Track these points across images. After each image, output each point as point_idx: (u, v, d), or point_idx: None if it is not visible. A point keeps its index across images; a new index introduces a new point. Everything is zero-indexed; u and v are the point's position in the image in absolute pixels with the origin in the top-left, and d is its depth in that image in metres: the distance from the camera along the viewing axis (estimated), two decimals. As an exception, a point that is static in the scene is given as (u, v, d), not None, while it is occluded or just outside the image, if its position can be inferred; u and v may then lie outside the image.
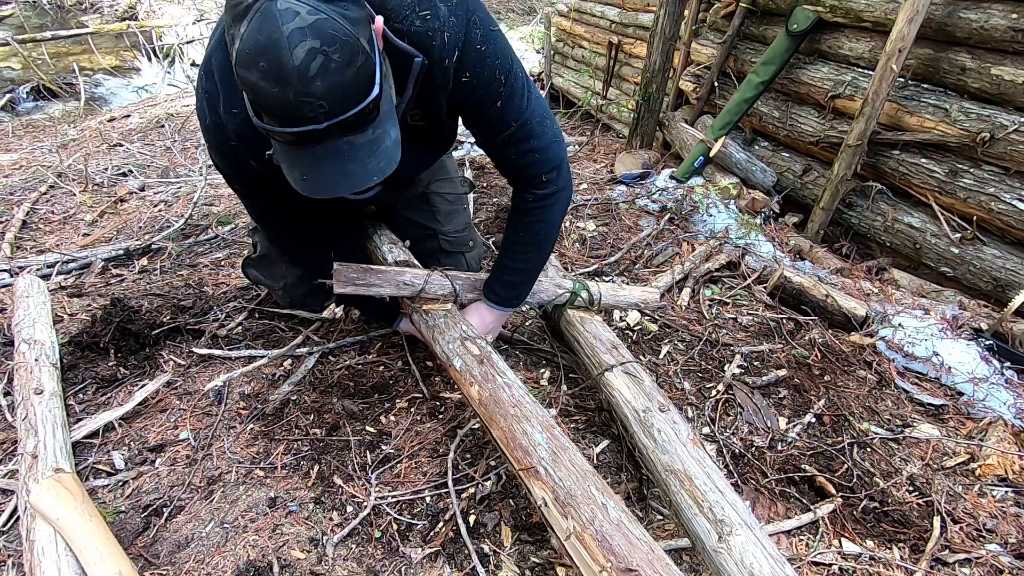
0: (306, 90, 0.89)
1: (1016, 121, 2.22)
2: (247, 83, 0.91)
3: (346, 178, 1.03)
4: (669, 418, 1.34)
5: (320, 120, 0.93)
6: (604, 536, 1.00)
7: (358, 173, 1.04)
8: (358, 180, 1.04)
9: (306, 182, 1.04)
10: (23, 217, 2.78)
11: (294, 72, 0.87)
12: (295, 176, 1.04)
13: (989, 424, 1.77)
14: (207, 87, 1.20)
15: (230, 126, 1.19)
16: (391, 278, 1.57)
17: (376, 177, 1.06)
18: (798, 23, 2.98)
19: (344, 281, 1.51)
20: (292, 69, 0.87)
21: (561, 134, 1.47)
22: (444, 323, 1.54)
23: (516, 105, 1.32)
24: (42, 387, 1.53)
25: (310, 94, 0.90)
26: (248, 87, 0.92)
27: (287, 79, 0.88)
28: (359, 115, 0.97)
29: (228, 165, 1.33)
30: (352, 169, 1.03)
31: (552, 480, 1.12)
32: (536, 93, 1.38)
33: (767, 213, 3.08)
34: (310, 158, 1.01)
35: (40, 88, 5.25)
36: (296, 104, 0.90)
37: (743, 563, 1.01)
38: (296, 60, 0.86)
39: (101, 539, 1.15)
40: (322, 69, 0.89)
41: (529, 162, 1.42)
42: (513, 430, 1.24)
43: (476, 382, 1.37)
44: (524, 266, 1.61)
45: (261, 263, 1.98)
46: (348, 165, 1.02)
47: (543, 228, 1.54)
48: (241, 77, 0.91)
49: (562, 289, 1.78)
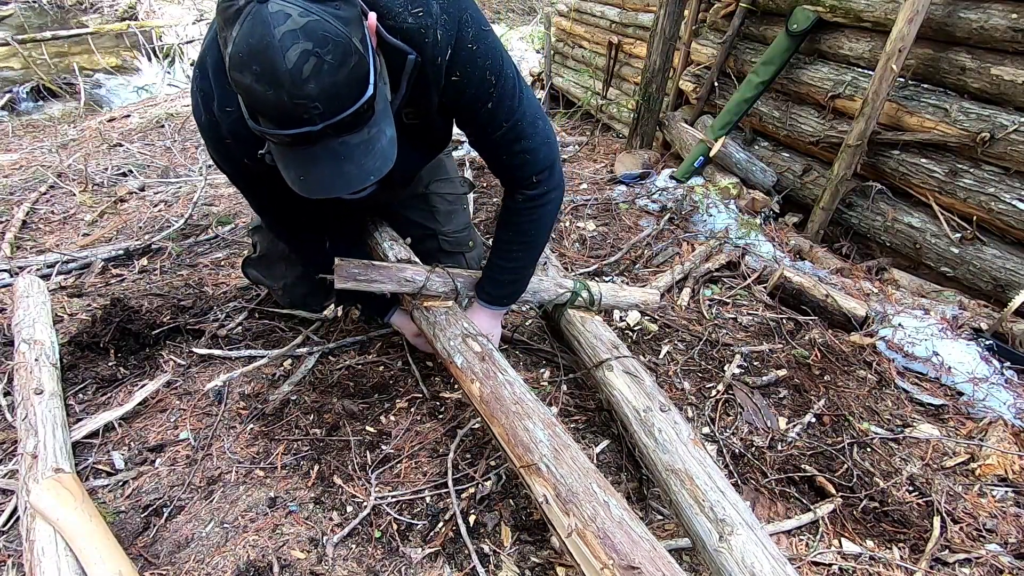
0: (300, 92, 0.89)
1: (1016, 121, 2.22)
2: (241, 86, 0.91)
3: (342, 178, 1.03)
4: (670, 418, 1.34)
5: (315, 122, 0.93)
6: (606, 533, 0.99)
7: (354, 173, 1.04)
8: (354, 180, 1.04)
9: (302, 182, 1.04)
10: (23, 217, 2.78)
11: (287, 75, 0.87)
12: (291, 176, 1.04)
13: (989, 424, 1.77)
14: (202, 86, 1.21)
15: (224, 125, 1.20)
16: (392, 274, 1.57)
17: (373, 177, 1.06)
18: (798, 23, 2.98)
19: (346, 276, 1.51)
20: (285, 72, 0.87)
21: (554, 135, 1.46)
22: (445, 320, 1.54)
23: (507, 106, 1.32)
24: (42, 387, 1.53)
25: (304, 96, 0.90)
26: (242, 90, 0.92)
27: (280, 82, 0.88)
28: (354, 115, 0.97)
29: (224, 162, 1.35)
30: (348, 169, 1.03)
31: (554, 477, 1.11)
32: (529, 94, 1.37)
33: (767, 213, 3.08)
34: (306, 158, 1.01)
35: (40, 88, 5.25)
36: (291, 107, 0.90)
37: (744, 563, 1.00)
38: (289, 63, 0.86)
39: (101, 539, 1.15)
40: (315, 71, 0.89)
41: (521, 163, 1.41)
42: (515, 427, 1.23)
43: (477, 379, 1.36)
44: (515, 265, 1.61)
45: (261, 263, 1.98)
46: (344, 165, 1.02)
47: (533, 228, 1.54)
48: (235, 80, 0.91)
49: (563, 289, 1.78)
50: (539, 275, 1.87)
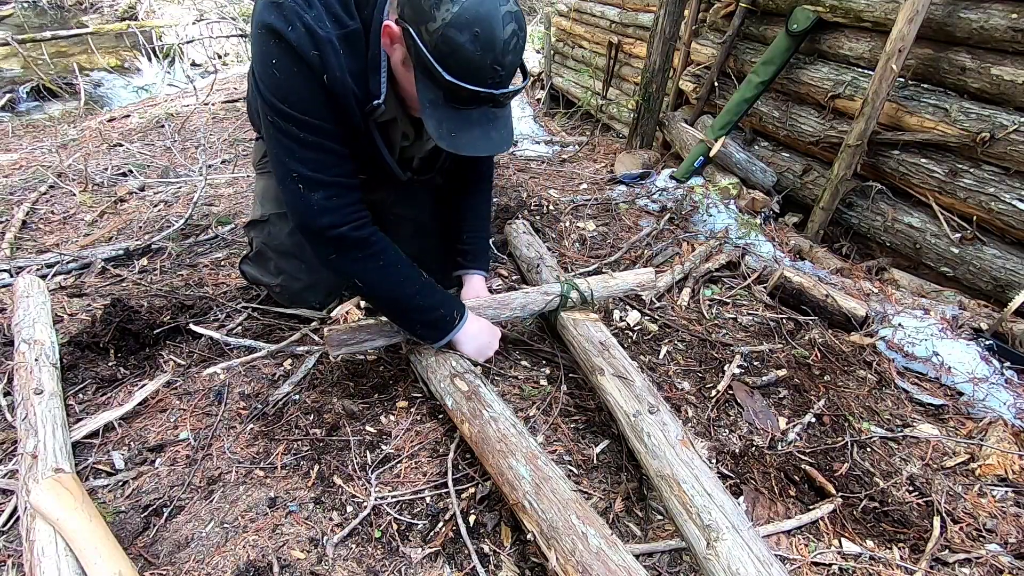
0: (502, 60, 1.13)
1: (1016, 121, 2.22)
2: (454, 42, 1.09)
3: (489, 141, 1.24)
4: (658, 419, 1.34)
5: (502, 85, 1.17)
6: (584, 567, 1.03)
7: (496, 139, 1.25)
8: (495, 145, 1.26)
9: (453, 138, 1.21)
10: (23, 217, 2.78)
11: (501, 43, 1.11)
12: (443, 132, 1.20)
13: (989, 424, 1.77)
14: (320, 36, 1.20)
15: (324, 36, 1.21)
16: (379, 329, 1.63)
17: (506, 146, 1.28)
18: (798, 23, 2.98)
19: (336, 344, 1.58)
20: (501, 41, 1.11)
21: None
22: (435, 362, 1.61)
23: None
24: (42, 387, 1.52)
25: (503, 64, 1.14)
26: (453, 45, 1.10)
27: (493, 48, 1.10)
28: (517, 91, 1.23)
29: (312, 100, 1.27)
30: (494, 135, 1.25)
31: (536, 514, 1.15)
32: None
33: (767, 213, 3.08)
34: (464, 120, 1.21)
35: (40, 88, 5.25)
36: (490, 69, 1.13)
37: (730, 569, 1.02)
38: (505, 35, 1.11)
39: (101, 539, 1.15)
40: (516, 48, 1.15)
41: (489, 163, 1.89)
42: (500, 466, 1.27)
43: (466, 419, 1.42)
44: (489, 229, 2.00)
45: (258, 260, 1.98)
46: (492, 131, 1.24)
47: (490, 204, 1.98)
48: (449, 36, 1.09)
49: (550, 295, 1.80)
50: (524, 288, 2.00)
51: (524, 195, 3.16)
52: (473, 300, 1.77)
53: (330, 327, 1.60)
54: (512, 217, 2.70)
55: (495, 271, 2.42)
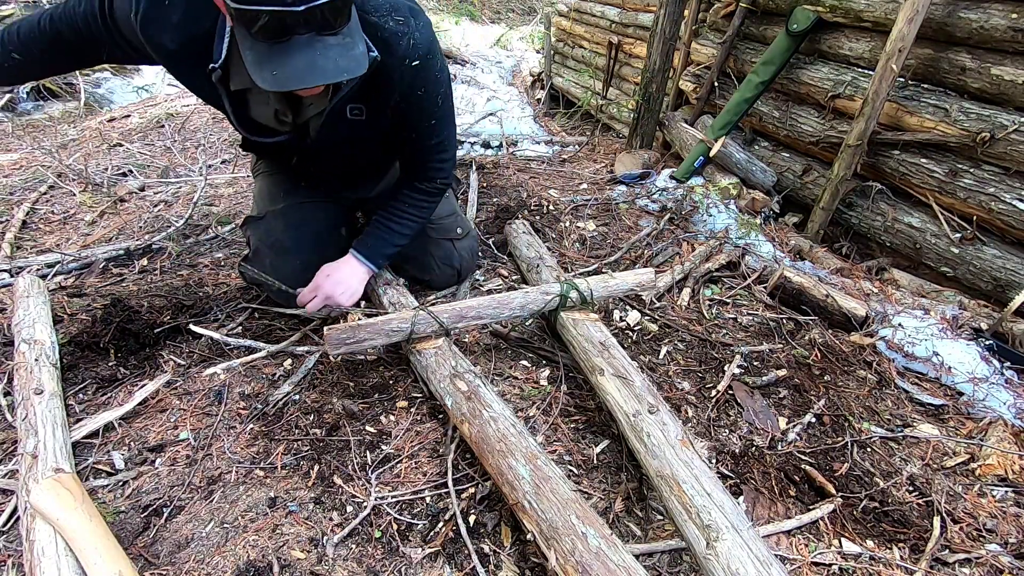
0: None
1: (1016, 121, 2.21)
2: None
3: (316, 70, 1.08)
4: (658, 419, 1.34)
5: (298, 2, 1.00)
6: (584, 567, 1.03)
7: (329, 67, 1.09)
8: (328, 74, 1.10)
9: (274, 77, 1.08)
10: (23, 217, 2.78)
11: None
12: (265, 74, 1.08)
13: (989, 424, 1.77)
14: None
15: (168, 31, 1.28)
16: (379, 328, 1.62)
17: (346, 74, 1.11)
18: (798, 23, 2.97)
19: (336, 344, 1.58)
20: None
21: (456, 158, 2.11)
22: (435, 362, 1.61)
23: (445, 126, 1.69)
24: (42, 387, 1.52)
25: None
26: None
27: None
28: (332, 8, 1.04)
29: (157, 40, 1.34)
30: (322, 63, 1.09)
31: (536, 514, 1.15)
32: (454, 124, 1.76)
33: (767, 213, 3.08)
34: (281, 54, 1.07)
35: (40, 88, 5.23)
36: None
37: (730, 569, 1.02)
38: None
39: (101, 539, 1.15)
40: None
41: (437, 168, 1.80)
42: (500, 466, 1.27)
43: (466, 420, 1.42)
44: (403, 231, 1.85)
45: (255, 259, 1.98)
46: (319, 60, 1.08)
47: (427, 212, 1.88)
48: None
49: (550, 295, 1.80)
50: (524, 288, 1.97)
51: (524, 195, 3.16)
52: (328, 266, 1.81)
53: (330, 327, 1.60)
54: (512, 217, 2.70)
55: (495, 271, 2.42)
